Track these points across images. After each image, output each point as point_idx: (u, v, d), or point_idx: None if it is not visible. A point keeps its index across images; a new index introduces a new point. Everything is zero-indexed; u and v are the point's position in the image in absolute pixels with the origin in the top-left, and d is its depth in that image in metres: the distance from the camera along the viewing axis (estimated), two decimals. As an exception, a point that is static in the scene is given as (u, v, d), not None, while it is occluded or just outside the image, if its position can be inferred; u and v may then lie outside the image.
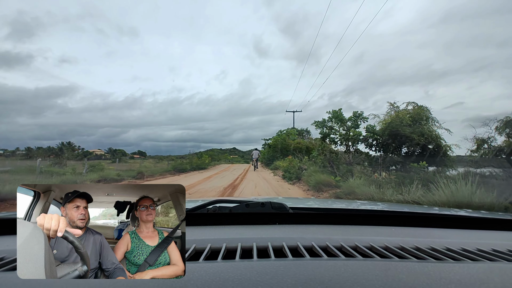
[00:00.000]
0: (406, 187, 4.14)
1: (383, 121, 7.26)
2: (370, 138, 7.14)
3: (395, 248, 0.58)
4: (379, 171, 6.52)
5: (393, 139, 6.63)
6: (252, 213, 0.87)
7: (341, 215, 0.94)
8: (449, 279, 0.42)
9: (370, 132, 7.11)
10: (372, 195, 4.28)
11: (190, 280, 0.41)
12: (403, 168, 6.65)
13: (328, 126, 8.42)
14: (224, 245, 0.59)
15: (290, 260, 0.50)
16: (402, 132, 6.34)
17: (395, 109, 7.37)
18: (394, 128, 6.50)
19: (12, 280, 0.41)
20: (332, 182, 6.10)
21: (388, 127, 6.71)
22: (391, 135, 6.62)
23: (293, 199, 1.52)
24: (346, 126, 7.99)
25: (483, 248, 0.60)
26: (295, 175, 8.90)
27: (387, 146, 6.91)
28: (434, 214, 0.95)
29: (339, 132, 8.06)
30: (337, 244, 0.60)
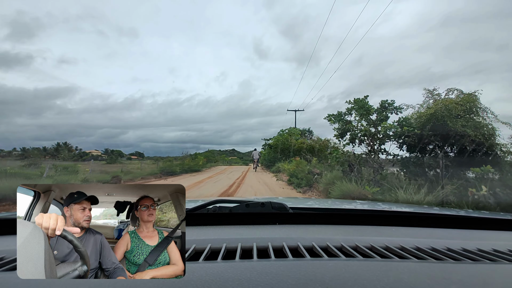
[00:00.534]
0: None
1: (420, 112, 5.48)
2: (403, 134, 5.23)
3: (396, 248, 0.58)
4: (455, 182, 4.27)
5: (436, 135, 4.95)
6: (252, 213, 0.87)
7: (342, 215, 0.95)
8: (450, 279, 0.42)
9: (406, 126, 5.16)
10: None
11: (190, 280, 0.41)
12: (456, 174, 4.83)
13: (345, 121, 6.32)
14: (224, 245, 0.59)
15: (291, 261, 0.50)
16: (452, 125, 4.72)
17: (435, 98, 5.58)
18: (440, 120, 4.86)
19: (12, 280, 0.41)
20: (366, 194, 4.46)
21: (430, 119, 5.00)
22: (434, 130, 4.96)
23: (293, 199, 1.52)
24: (371, 120, 6.01)
25: (483, 248, 0.60)
26: (305, 181, 7.26)
27: (427, 144, 5.15)
28: (434, 214, 0.96)
29: (364, 127, 5.90)
30: (338, 244, 0.60)
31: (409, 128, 5.11)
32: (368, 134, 5.81)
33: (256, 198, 1.30)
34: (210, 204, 0.87)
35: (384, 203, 1.49)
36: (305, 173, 7.81)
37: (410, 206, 1.22)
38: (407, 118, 5.57)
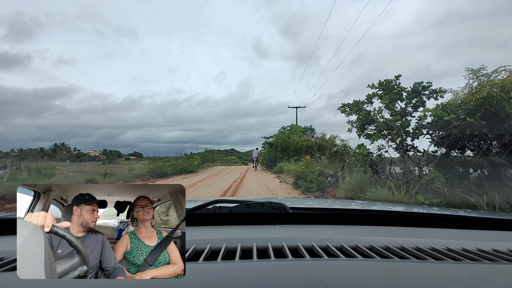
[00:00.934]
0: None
1: (465, 96, 3.92)
2: (448, 124, 3.61)
3: (396, 248, 0.58)
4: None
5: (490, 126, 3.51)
6: (252, 213, 0.87)
7: (341, 215, 0.95)
8: (450, 279, 0.42)
9: (451, 114, 3.58)
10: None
11: (190, 280, 0.41)
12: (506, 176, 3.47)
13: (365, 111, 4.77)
14: (224, 245, 0.59)
15: (290, 261, 0.50)
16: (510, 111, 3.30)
17: (480, 80, 4.07)
18: (494, 106, 3.48)
19: (12, 280, 0.41)
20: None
21: (481, 105, 3.56)
22: (486, 118, 3.54)
23: (293, 199, 1.52)
24: (400, 108, 4.52)
25: (483, 248, 0.60)
26: (315, 184, 6.03)
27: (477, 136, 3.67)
28: (434, 214, 0.96)
29: (394, 116, 4.40)
30: (337, 244, 0.60)
31: (458, 116, 3.57)
32: (398, 126, 4.33)
33: (256, 198, 1.31)
34: (210, 204, 0.88)
35: (384, 203, 1.49)
36: (316, 175, 6.52)
37: (410, 206, 1.22)
38: (449, 104, 4.01)
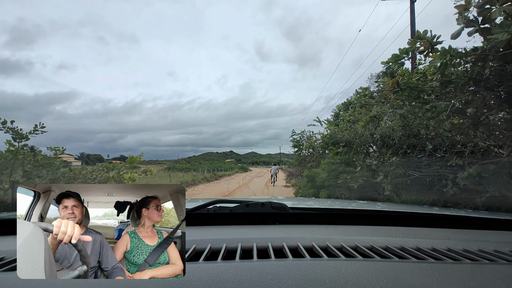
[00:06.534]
0: None
1: None
2: None
3: (396, 249, 0.58)
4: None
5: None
6: (252, 213, 0.87)
7: (341, 215, 0.94)
8: (450, 280, 0.42)
9: None
10: None
11: (190, 281, 0.41)
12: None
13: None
14: (224, 245, 0.59)
15: (291, 261, 0.50)
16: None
17: None
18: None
19: (12, 280, 0.41)
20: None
21: None
22: None
23: (293, 199, 1.52)
24: None
25: (484, 248, 0.60)
26: None
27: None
28: (434, 214, 0.95)
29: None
30: (337, 244, 0.60)
31: None
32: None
33: (256, 198, 1.30)
34: (210, 204, 0.88)
35: (383, 203, 1.48)
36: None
37: (410, 206, 1.21)
38: None
